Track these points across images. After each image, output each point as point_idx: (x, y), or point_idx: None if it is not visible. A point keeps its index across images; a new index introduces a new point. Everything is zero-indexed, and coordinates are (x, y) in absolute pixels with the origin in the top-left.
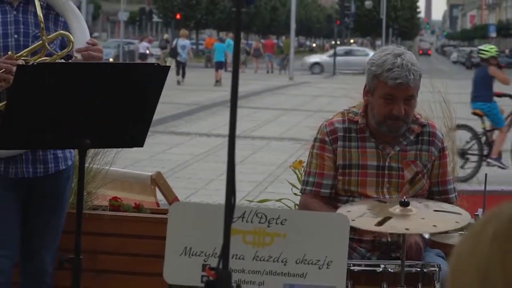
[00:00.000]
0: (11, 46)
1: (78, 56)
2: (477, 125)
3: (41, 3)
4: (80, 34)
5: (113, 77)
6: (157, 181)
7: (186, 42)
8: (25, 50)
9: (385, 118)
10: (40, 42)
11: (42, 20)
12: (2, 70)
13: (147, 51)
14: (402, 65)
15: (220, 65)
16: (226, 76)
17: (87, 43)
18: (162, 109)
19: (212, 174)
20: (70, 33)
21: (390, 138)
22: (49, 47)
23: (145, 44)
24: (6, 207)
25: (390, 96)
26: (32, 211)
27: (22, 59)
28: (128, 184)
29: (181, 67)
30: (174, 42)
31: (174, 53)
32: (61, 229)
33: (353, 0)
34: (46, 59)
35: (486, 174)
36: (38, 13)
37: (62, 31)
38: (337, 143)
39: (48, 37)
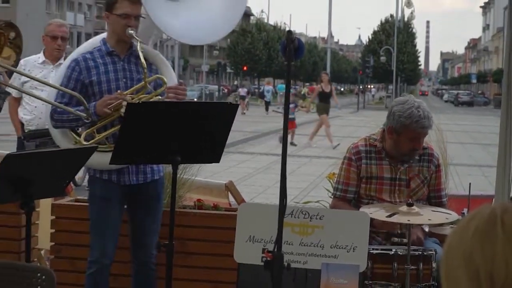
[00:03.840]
0: (121, 87)
1: (170, 94)
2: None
3: (139, 55)
4: (169, 77)
5: (197, 111)
6: (230, 188)
7: (270, 87)
8: (131, 89)
9: (410, 151)
10: (143, 83)
11: (145, 66)
12: (117, 105)
13: (246, 94)
14: (425, 116)
15: None
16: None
17: (175, 84)
18: (233, 135)
19: (269, 183)
20: (162, 76)
21: (400, 158)
22: (149, 87)
23: (245, 89)
24: (117, 207)
25: (416, 139)
26: (138, 210)
27: (129, 96)
28: (208, 189)
29: (267, 104)
30: (262, 88)
31: (262, 95)
32: (160, 222)
33: (372, 56)
34: (146, 96)
35: (470, 183)
36: (142, 61)
37: (159, 75)
38: (361, 161)
39: (148, 79)
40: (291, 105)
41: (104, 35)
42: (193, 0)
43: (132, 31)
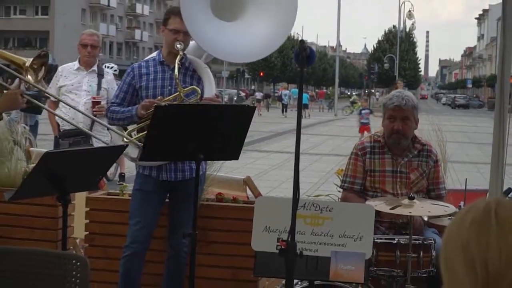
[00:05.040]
0: (165, 94)
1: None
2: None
3: (189, 67)
4: (209, 89)
5: (218, 113)
6: (247, 182)
7: (287, 92)
8: (169, 97)
9: (391, 133)
10: (177, 93)
11: (178, 77)
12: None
13: (261, 98)
14: (399, 96)
15: (305, 106)
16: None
17: (212, 96)
18: (250, 135)
19: (283, 178)
20: (204, 87)
21: (400, 152)
22: (183, 97)
23: (261, 93)
24: (154, 200)
25: (392, 117)
26: (175, 204)
27: (167, 102)
28: (228, 184)
29: (285, 106)
30: (280, 92)
31: (280, 99)
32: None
33: (376, 63)
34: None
35: (466, 179)
36: (175, 72)
37: (194, 86)
38: (366, 156)
39: (184, 89)
40: (366, 111)
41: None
42: (243, 23)
43: (179, 45)
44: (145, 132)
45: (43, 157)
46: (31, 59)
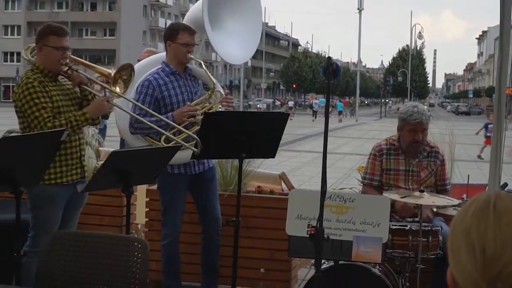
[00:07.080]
0: (185, 99)
1: (223, 103)
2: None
3: (191, 74)
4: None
5: (257, 119)
6: (282, 177)
7: (317, 100)
8: (195, 101)
9: (411, 143)
10: (206, 95)
11: (214, 82)
12: (191, 114)
13: (292, 105)
14: (418, 112)
15: (340, 112)
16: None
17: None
18: (285, 137)
19: (312, 173)
20: (201, 85)
21: (412, 154)
22: (212, 96)
23: (292, 102)
24: (182, 194)
25: (413, 130)
26: (202, 192)
27: (197, 106)
28: (266, 178)
29: (315, 112)
30: (311, 101)
31: (310, 106)
32: (217, 196)
33: (391, 76)
34: (207, 105)
35: (468, 175)
36: (211, 77)
37: (218, 89)
38: (383, 156)
39: (211, 93)
40: (490, 126)
41: (155, 61)
42: (225, 29)
43: (191, 56)
44: (183, 135)
45: (110, 155)
46: (114, 71)
